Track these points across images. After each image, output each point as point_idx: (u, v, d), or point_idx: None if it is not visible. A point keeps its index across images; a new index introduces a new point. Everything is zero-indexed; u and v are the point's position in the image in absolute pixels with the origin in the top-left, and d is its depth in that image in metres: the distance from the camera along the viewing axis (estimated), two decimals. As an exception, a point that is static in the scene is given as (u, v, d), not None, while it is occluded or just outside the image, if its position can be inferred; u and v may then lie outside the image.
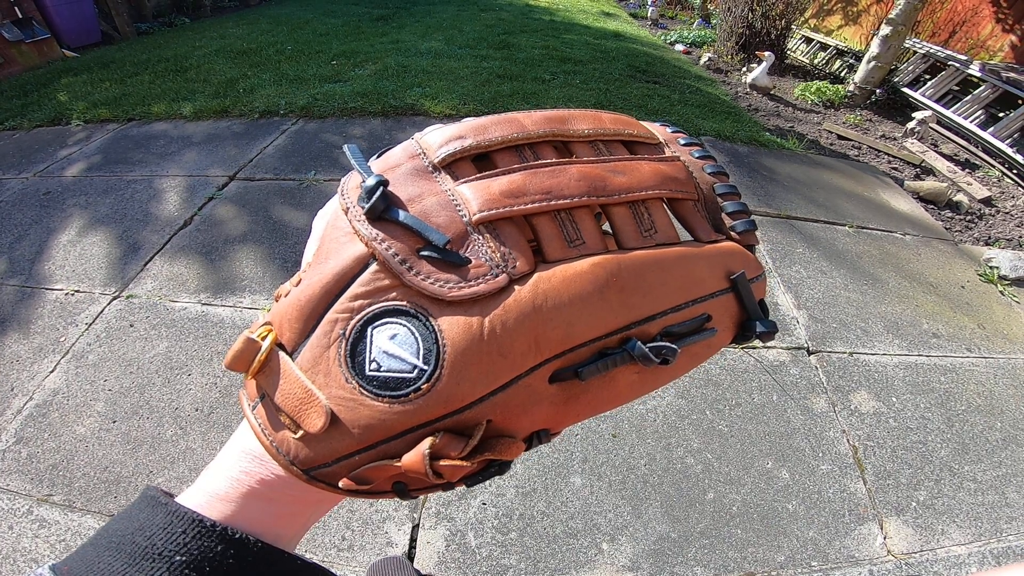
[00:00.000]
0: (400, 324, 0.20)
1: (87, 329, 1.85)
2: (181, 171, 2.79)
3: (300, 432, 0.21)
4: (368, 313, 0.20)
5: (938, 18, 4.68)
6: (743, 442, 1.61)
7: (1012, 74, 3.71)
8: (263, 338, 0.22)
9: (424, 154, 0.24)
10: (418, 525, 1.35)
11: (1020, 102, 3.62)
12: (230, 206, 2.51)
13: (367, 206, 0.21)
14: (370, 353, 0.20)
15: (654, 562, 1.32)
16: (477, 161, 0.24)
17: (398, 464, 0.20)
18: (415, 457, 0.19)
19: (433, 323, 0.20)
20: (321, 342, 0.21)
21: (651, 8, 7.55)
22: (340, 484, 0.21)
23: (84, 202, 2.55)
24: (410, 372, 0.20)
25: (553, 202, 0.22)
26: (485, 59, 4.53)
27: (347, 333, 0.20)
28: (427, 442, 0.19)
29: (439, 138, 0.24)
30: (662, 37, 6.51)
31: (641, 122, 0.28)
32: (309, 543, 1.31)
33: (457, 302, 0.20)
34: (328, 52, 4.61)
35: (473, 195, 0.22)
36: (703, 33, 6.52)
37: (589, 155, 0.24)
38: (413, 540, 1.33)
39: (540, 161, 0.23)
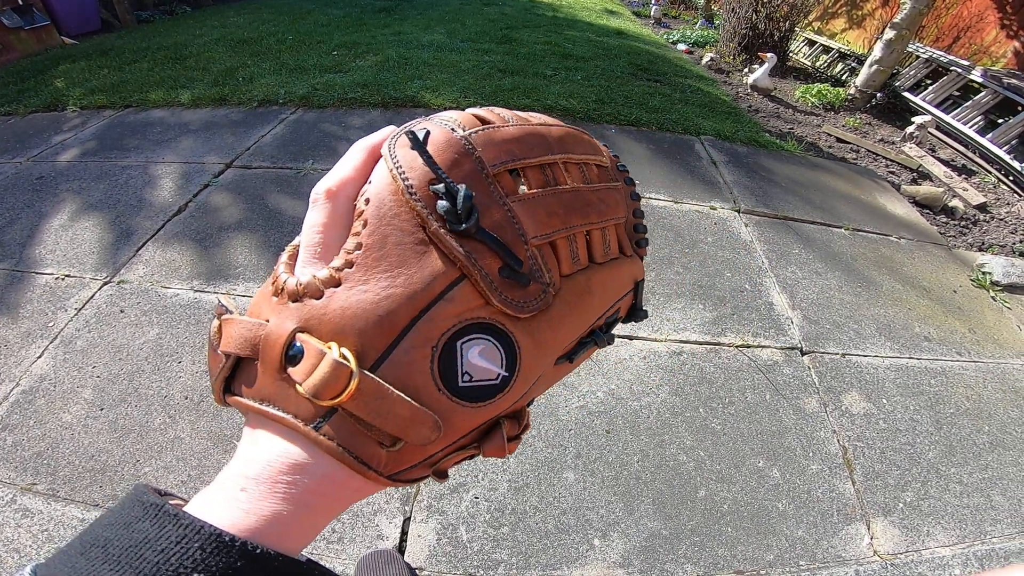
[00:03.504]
0: (486, 339, 0.22)
1: (76, 314, 1.83)
2: (177, 158, 2.77)
3: (400, 445, 0.21)
4: (456, 328, 0.21)
5: (943, 23, 4.68)
6: (735, 440, 1.61)
7: (1013, 80, 3.73)
8: (343, 356, 0.20)
9: (479, 158, 0.23)
10: (409, 518, 1.35)
11: (1020, 109, 3.64)
12: (226, 194, 2.49)
13: (463, 228, 0.21)
14: (461, 367, 0.21)
15: (645, 559, 1.33)
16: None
17: (474, 451, 0.24)
18: (498, 444, 0.24)
19: (513, 337, 0.23)
20: (410, 357, 0.21)
21: (654, 7, 7.53)
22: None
23: (77, 187, 2.52)
24: (495, 380, 0.22)
25: (574, 228, 0.25)
26: (487, 53, 4.51)
27: (437, 348, 0.21)
28: (505, 430, 0.24)
29: (489, 142, 0.24)
30: (665, 36, 6.50)
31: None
32: (298, 533, 1.30)
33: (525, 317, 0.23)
34: (329, 42, 4.57)
35: (526, 217, 0.23)
36: (706, 33, 6.51)
37: (578, 179, 0.27)
38: (404, 533, 1.32)
39: (565, 188, 0.26)
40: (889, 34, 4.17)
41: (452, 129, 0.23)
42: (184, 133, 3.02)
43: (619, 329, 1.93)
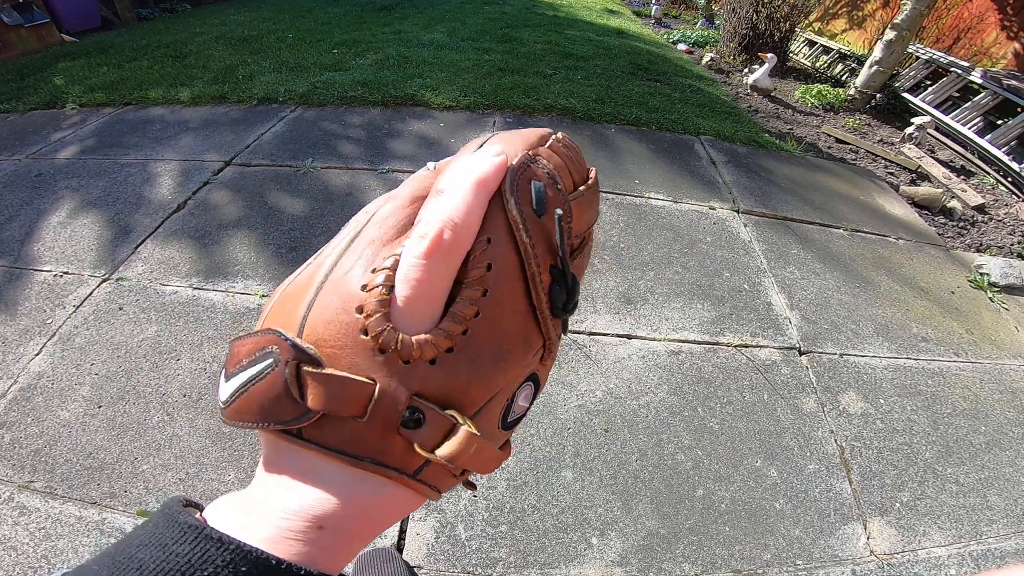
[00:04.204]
0: (530, 383, 0.24)
1: (75, 311, 1.83)
2: (176, 156, 2.76)
3: (467, 474, 0.23)
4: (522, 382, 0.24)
5: (943, 24, 4.69)
6: (733, 440, 1.62)
7: (1013, 82, 3.73)
8: (470, 426, 0.21)
9: (570, 228, 0.23)
10: (408, 517, 1.35)
11: (1019, 110, 3.64)
12: (225, 191, 2.48)
13: (565, 315, 0.23)
14: (512, 408, 0.24)
15: (643, 558, 1.33)
16: None
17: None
18: (509, 452, 0.25)
19: (540, 376, 0.25)
20: (492, 411, 0.22)
21: (655, 7, 7.52)
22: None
23: (76, 184, 2.52)
24: (525, 412, 0.25)
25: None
26: (487, 52, 4.50)
27: (510, 399, 0.24)
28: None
29: (579, 214, 0.24)
30: (665, 36, 6.50)
31: None
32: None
33: None
34: (329, 41, 4.57)
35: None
36: (706, 33, 6.51)
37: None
38: (402, 531, 1.32)
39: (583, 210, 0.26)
40: (889, 35, 4.18)
41: (557, 185, 0.23)
42: (183, 131, 3.02)
43: (618, 327, 1.94)
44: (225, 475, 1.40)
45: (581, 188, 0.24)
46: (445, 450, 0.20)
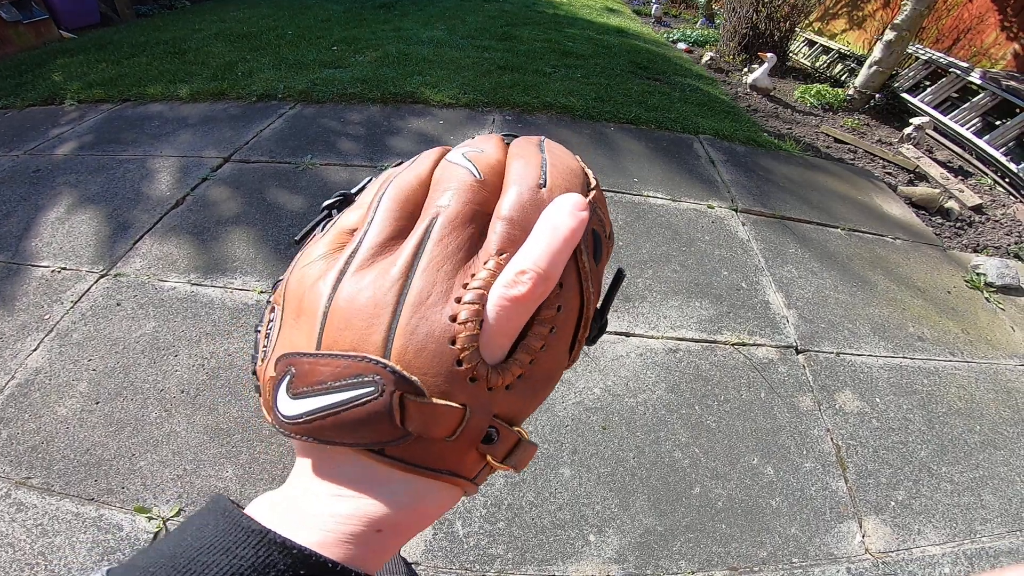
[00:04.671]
0: None
1: (72, 307, 1.83)
2: (175, 152, 2.76)
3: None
4: None
5: (943, 25, 4.69)
6: (730, 438, 1.62)
7: (1012, 82, 3.74)
8: (528, 438, 0.24)
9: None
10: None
11: (1018, 110, 3.65)
12: (224, 187, 2.48)
13: (595, 340, 0.26)
14: None
15: (640, 555, 1.34)
16: None
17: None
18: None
19: None
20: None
21: (655, 6, 7.52)
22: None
23: (74, 180, 2.51)
24: None
25: None
26: (487, 50, 4.50)
27: None
28: None
29: (608, 250, 0.26)
30: (665, 35, 6.49)
31: None
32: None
33: None
34: (329, 38, 4.56)
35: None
36: (706, 33, 6.51)
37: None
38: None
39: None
40: (889, 35, 4.18)
41: (605, 232, 0.26)
42: (182, 127, 3.01)
43: (615, 325, 1.94)
44: (223, 471, 1.40)
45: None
46: (513, 460, 0.24)
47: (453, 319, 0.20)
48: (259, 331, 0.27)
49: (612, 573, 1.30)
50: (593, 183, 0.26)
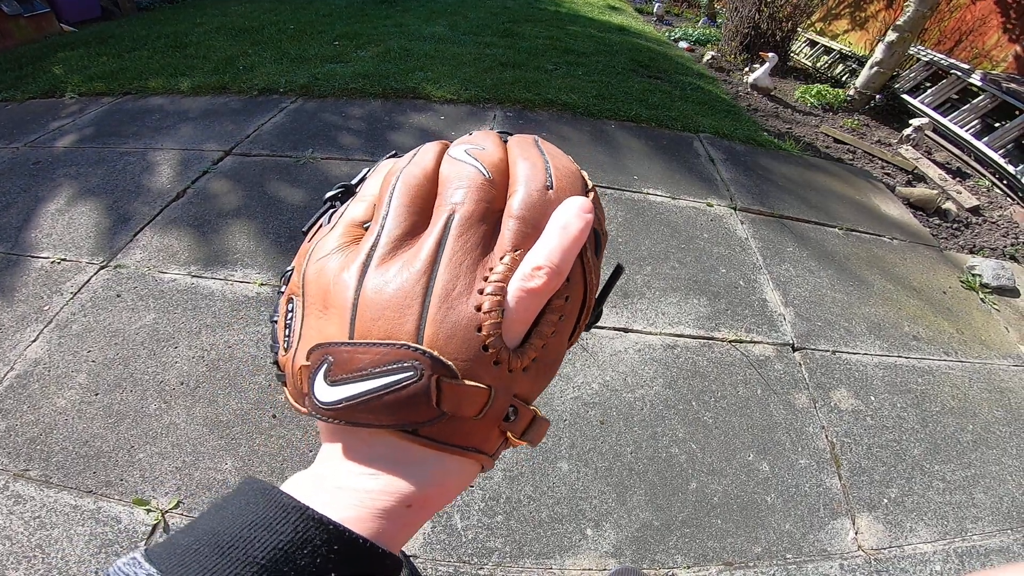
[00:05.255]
0: None
1: (72, 298, 1.83)
2: (176, 145, 2.75)
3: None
4: None
5: (945, 26, 4.70)
6: (726, 434, 1.64)
7: (1013, 84, 3.75)
8: (541, 415, 0.27)
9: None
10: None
11: (1018, 113, 3.66)
12: (225, 180, 2.48)
13: (590, 327, 0.29)
14: None
15: (636, 549, 1.35)
16: None
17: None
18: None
19: None
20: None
21: (657, 4, 7.51)
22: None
23: (74, 172, 2.51)
24: None
25: None
26: (488, 46, 4.49)
27: None
28: None
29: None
30: (666, 34, 6.49)
31: None
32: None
33: None
34: (331, 33, 4.55)
35: None
36: (708, 32, 6.50)
37: None
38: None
39: None
40: (891, 36, 4.19)
41: (603, 228, 0.28)
42: (183, 120, 3.01)
43: (614, 321, 1.95)
44: (222, 464, 1.41)
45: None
46: (530, 436, 0.26)
47: (478, 308, 0.22)
48: (275, 321, 0.28)
49: (609, 567, 1.31)
50: (590, 185, 0.28)
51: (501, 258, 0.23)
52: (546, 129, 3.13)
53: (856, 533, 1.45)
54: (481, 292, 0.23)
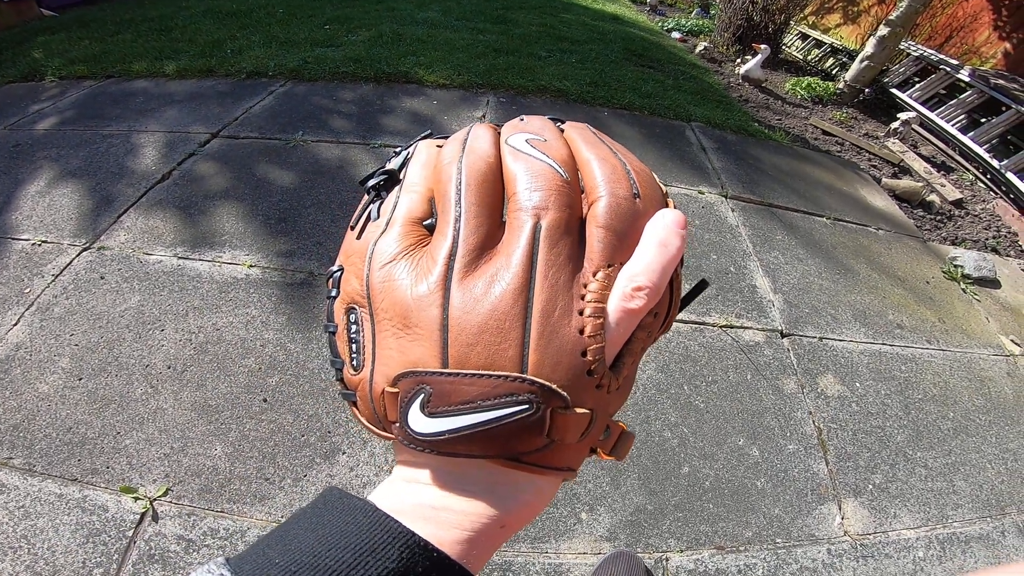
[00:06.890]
0: None
1: (54, 281, 1.78)
2: (161, 127, 2.68)
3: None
4: None
5: (937, 22, 4.74)
6: (717, 418, 1.66)
7: (1000, 81, 3.81)
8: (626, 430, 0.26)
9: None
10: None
11: (1003, 108, 3.72)
12: (212, 162, 2.43)
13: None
14: None
15: (630, 533, 1.36)
16: None
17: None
18: None
19: None
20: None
21: (650, -6, 7.47)
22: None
23: (56, 155, 2.44)
24: None
25: None
26: (482, 32, 4.44)
27: None
28: None
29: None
30: (660, 24, 6.47)
31: None
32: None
33: None
34: (321, 16, 4.45)
35: None
36: (701, 23, 6.49)
37: None
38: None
39: None
40: (883, 31, 4.22)
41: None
42: (168, 103, 2.93)
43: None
44: (212, 449, 1.39)
45: None
46: (618, 451, 0.25)
47: (580, 331, 0.21)
48: (331, 332, 0.26)
49: (604, 551, 1.32)
50: (664, 189, 0.26)
51: (595, 274, 0.22)
52: (539, 115, 3.10)
53: (843, 518, 1.48)
54: (581, 313, 0.21)
